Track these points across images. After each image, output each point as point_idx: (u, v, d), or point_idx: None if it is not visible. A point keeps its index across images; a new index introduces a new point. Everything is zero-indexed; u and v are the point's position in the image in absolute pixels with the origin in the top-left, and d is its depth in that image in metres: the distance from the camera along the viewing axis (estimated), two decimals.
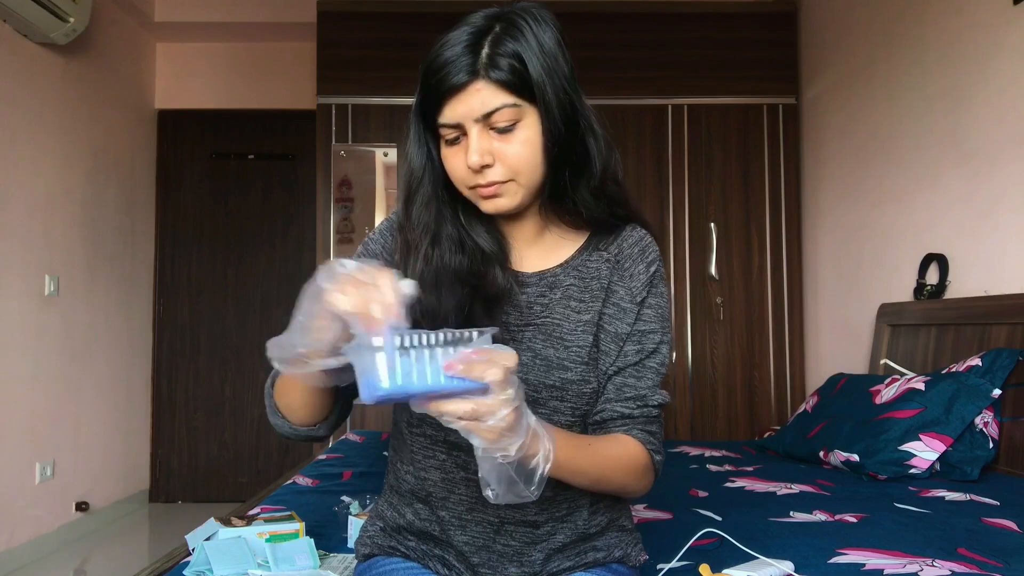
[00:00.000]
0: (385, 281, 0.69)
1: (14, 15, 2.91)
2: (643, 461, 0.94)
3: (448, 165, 0.92)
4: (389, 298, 0.68)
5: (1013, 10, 2.26)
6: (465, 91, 0.86)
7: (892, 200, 2.87)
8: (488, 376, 0.67)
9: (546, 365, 0.95)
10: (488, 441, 0.69)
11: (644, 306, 0.99)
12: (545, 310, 0.98)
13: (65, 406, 3.40)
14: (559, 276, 0.99)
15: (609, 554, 1.02)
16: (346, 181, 3.50)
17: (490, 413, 0.68)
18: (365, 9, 3.57)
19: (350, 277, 0.69)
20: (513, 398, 0.69)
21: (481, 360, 0.68)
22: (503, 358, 0.69)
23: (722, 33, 3.58)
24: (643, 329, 0.98)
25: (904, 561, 1.24)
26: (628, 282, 0.99)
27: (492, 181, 0.89)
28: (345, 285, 0.68)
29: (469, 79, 0.86)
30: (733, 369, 3.51)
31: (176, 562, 1.31)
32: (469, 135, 0.87)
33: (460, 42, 0.88)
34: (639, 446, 0.95)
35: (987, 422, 2.00)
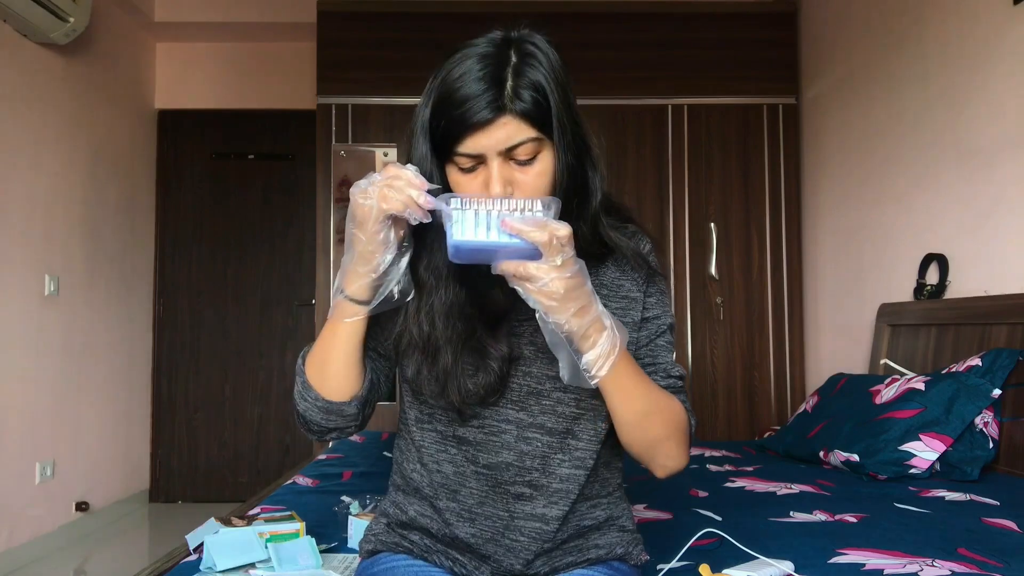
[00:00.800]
0: (399, 169, 0.83)
1: (14, 15, 2.91)
2: (685, 418, 0.98)
3: (460, 187, 0.90)
4: (411, 176, 0.83)
5: (1013, 10, 2.26)
6: (491, 126, 0.86)
7: (892, 200, 2.87)
8: (533, 236, 0.76)
9: (548, 358, 0.96)
10: (542, 305, 0.79)
11: (647, 294, 1.05)
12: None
13: (65, 406, 3.40)
14: None
15: (611, 551, 1.03)
16: (346, 181, 3.50)
17: (539, 276, 0.77)
18: (365, 9, 3.57)
19: (378, 185, 0.82)
20: (563, 268, 0.77)
21: (532, 223, 0.77)
22: (554, 225, 0.77)
23: (722, 33, 3.58)
24: (649, 316, 1.04)
25: (904, 561, 1.24)
26: (631, 274, 1.04)
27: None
28: (381, 191, 0.82)
29: (496, 115, 0.86)
30: (733, 369, 3.51)
31: (176, 562, 1.31)
32: (490, 166, 0.88)
33: (481, 75, 0.87)
34: (679, 403, 0.99)
35: (987, 422, 2.00)
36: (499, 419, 0.98)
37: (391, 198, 0.82)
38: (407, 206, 0.82)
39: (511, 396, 0.98)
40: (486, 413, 0.98)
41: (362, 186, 0.83)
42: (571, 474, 0.99)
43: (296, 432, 4.27)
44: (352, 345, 0.92)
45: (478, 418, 0.98)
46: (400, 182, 0.82)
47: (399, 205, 0.82)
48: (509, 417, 0.98)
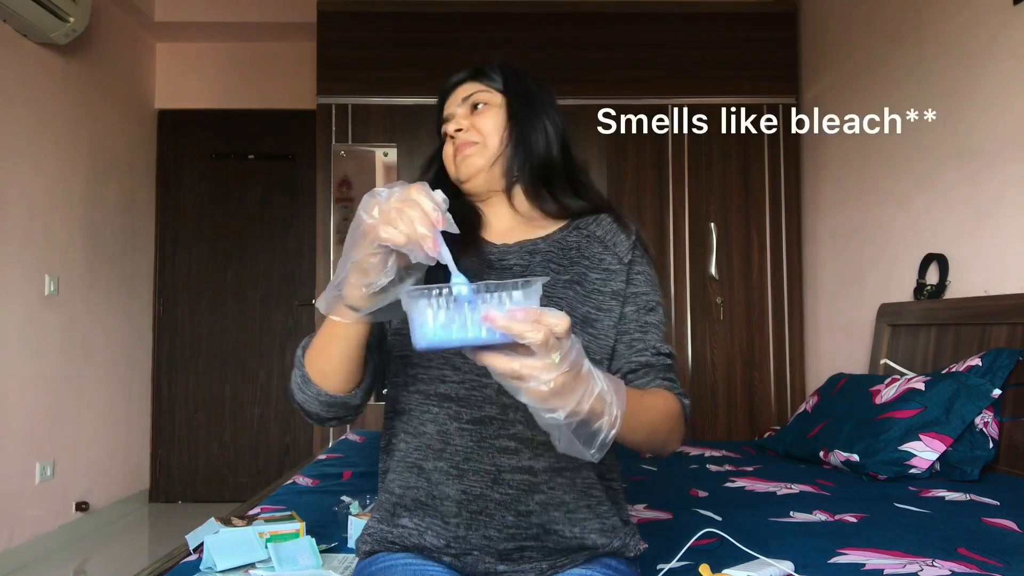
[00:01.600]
0: (421, 195, 0.75)
1: (14, 15, 2.91)
2: (678, 408, 0.99)
3: (444, 152, 1.14)
4: (429, 208, 0.75)
5: (1013, 10, 2.26)
6: (459, 87, 1.15)
7: (892, 200, 2.87)
8: (528, 337, 0.66)
9: None
10: (534, 401, 0.69)
11: (632, 271, 1.07)
12: (526, 271, 1.07)
13: (65, 406, 3.40)
14: (539, 245, 1.10)
15: (607, 546, 1.02)
16: (346, 181, 3.50)
17: (532, 376, 0.68)
18: (365, 9, 3.57)
19: (391, 205, 0.75)
20: (559, 363, 0.68)
21: (525, 319, 0.66)
22: (551, 320, 0.67)
23: (722, 33, 3.58)
24: (636, 291, 1.06)
25: (904, 561, 1.24)
26: (613, 249, 1.08)
27: (464, 141, 1.10)
28: (388, 215, 0.74)
29: (463, 79, 1.15)
30: (733, 369, 3.51)
31: (176, 562, 1.31)
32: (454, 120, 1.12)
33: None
34: (670, 394, 0.99)
35: (987, 422, 2.00)
36: (479, 372, 0.98)
37: (395, 228, 0.74)
38: (410, 242, 0.74)
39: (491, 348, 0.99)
40: (467, 367, 0.99)
41: (377, 197, 0.76)
42: None
43: (296, 432, 4.27)
44: (353, 344, 0.91)
45: (459, 371, 1.00)
46: (414, 212, 0.74)
47: (401, 239, 0.74)
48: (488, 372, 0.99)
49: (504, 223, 1.13)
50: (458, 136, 1.11)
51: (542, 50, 3.45)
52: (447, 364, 1.00)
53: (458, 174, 1.12)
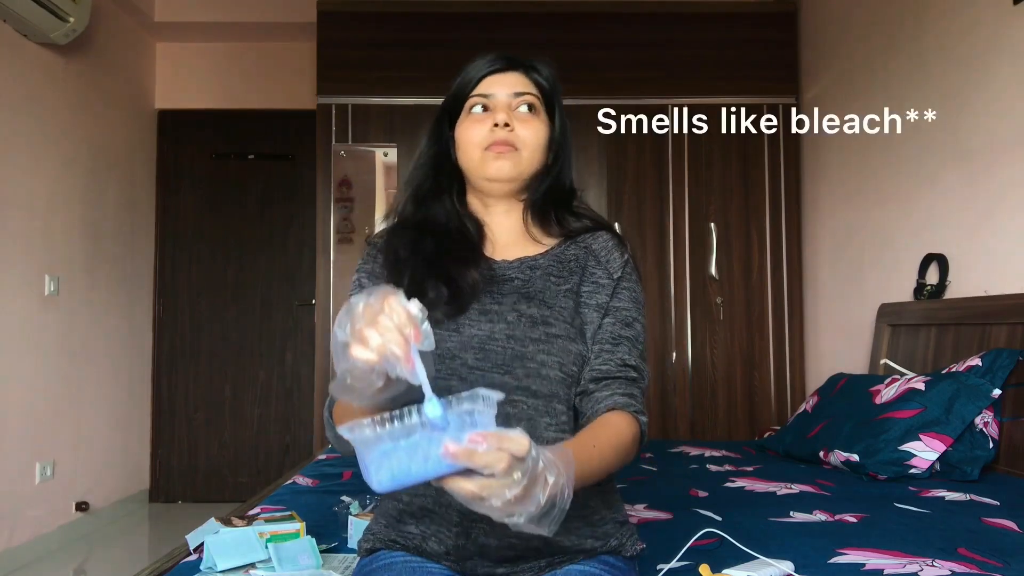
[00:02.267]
0: (394, 305, 0.72)
1: (14, 15, 2.91)
2: (633, 434, 0.98)
3: (470, 132, 1.10)
4: (403, 322, 0.71)
5: (1013, 10, 2.26)
6: (505, 73, 1.11)
7: (892, 200, 2.87)
8: (492, 468, 0.65)
9: (531, 321, 1.03)
10: (494, 514, 0.68)
11: (619, 287, 1.09)
12: (526, 284, 1.08)
13: (65, 406, 3.40)
14: (539, 260, 1.11)
15: (605, 543, 1.03)
16: (346, 181, 3.50)
17: (494, 495, 0.67)
18: (365, 9, 3.57)
19: (362, 319, 0.71)
20: (520, 480, 0.66)
21: (486, 450, 0.65)
22: (511, 445, 0.66)
23: (722, 33, 3.58)
24: (618, 305, 1.08)
25: (904, 561, 1.24)
26: (605, 265, 1.10)
27: (507, 140, 1.08)
28: (361, 332, 0.71)
29: (510, 67, 1.11)
30: (733, 369, 3.51)
31: (176, 562, 1.31)
32: (497, 109, 1.09)
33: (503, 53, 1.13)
34: (624, 418, 0.99)
35: (987, 422, 2.00)
36: (484, 384, 0.98)
37: (366, 349, 0.70)
38: (382, 359, 0.70)
39: (496, 360, 1.01)
40: (473, 379, 1.00)
41: (351, 311, 0.72)
42: (557, 437, 1.01)
43: (296, 432, 4.27)
44: (374, 407, 0.89)
45: (465, 382, 1.00)
46: (387, 330, 0.71)
47: (374, 358, 0.70)
48: (494, 382, 1.00)
49: (504, 235, 1.14)
50: (503, 133, 1.08)
51: (542, 50, 3.43)
52: (454, 375, 1.01)
53: (485, 171, 1.10)
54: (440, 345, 1.00)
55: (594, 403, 1.02)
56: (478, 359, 1.01)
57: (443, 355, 1.01)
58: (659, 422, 3.47)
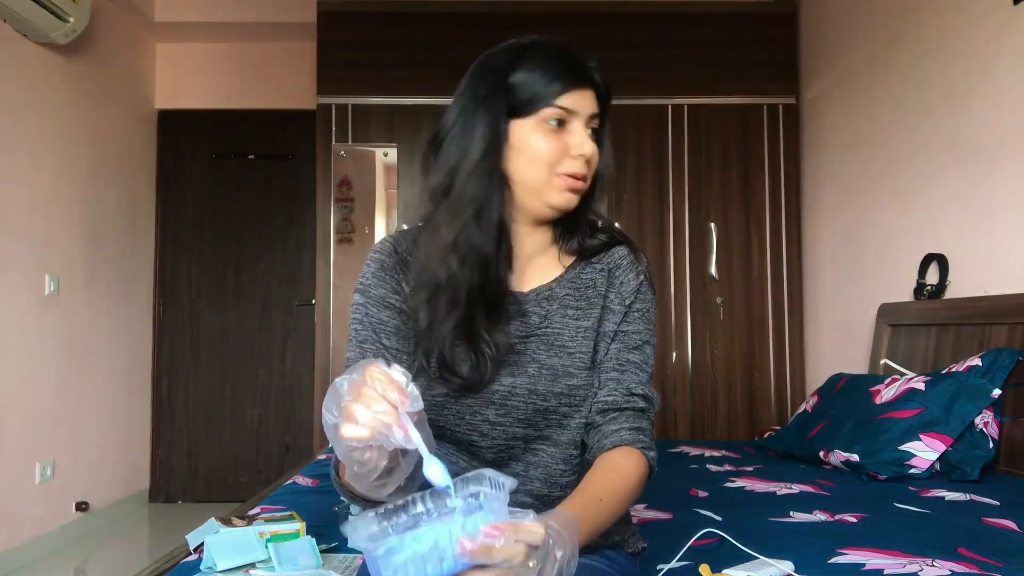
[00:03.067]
0: (376, 374, 0.68)
1: (14, 15, 2.91)
2: (640, 474, 0.95)
3: (543, 145, 0.98)
4: (388, 391, 0.67)
5: (1013, 10, 2.26)
6: (588, 89, 1.01)
7: (892, 200, 2.87)
8: (511, 560, 0.64)
9: (552, 374, 0.99)
10: None
11: (631, 309, 1.05)
12: (544, 320, 1.02)
13: (65, 406, 3.40)
14: (554, 289, 1.05)
15: (607, 539, 1.04)
16: (346, 181, 3.50)
17: None
18: (365, 9, 3.57)
19: (347, 396, 0.68)
20: (535, 567, 0.65)
21: (503, 543, 0.63)
22: (528, 536, 0.65)
23: (722, 33, 3.58)
24: (627, 329, 1.04)
25: (904, 561, 1.24)
26: (618, 288, 1.05)
27: (587, 174, 1.01)
28: (348, 408, 0.67)
29: (590, 83, 1.01)
30: (733, 369, 3.51)
31: (176, 562, 1.31)
32: (575, 127, 0.99)
33: (569, 50, 1.02)
34: (632, 458, 0.95)
35: (987, 422, 2.00)
36: (507, 438, 1.00)
37: (356, 425, 0.67)
38: (376, 434, 0.67)
39: (517, 415, 0.99)
40: (495, 434, 0.99)
41: (337, 391, 0.69)
42: (570, 481, 1.01)
43: (296, 432, 4.27)
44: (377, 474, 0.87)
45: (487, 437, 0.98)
46: (372, 394, 0.67)
47: (366, 434, 0.67)
48: (516, 435, 1.00)
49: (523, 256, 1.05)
50: (585, 168, 1.00)
51: None
52: (474, 431, 1.00)
53: (550, 198, 0.99)
54: (460, 401, 0.99)
55: (601, 437, 0.99)
56: (499, 415, 0.99)
57: (462, 411, 0.99)
58: (659, 422, 3.48)
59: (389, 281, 1.02)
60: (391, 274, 1.03)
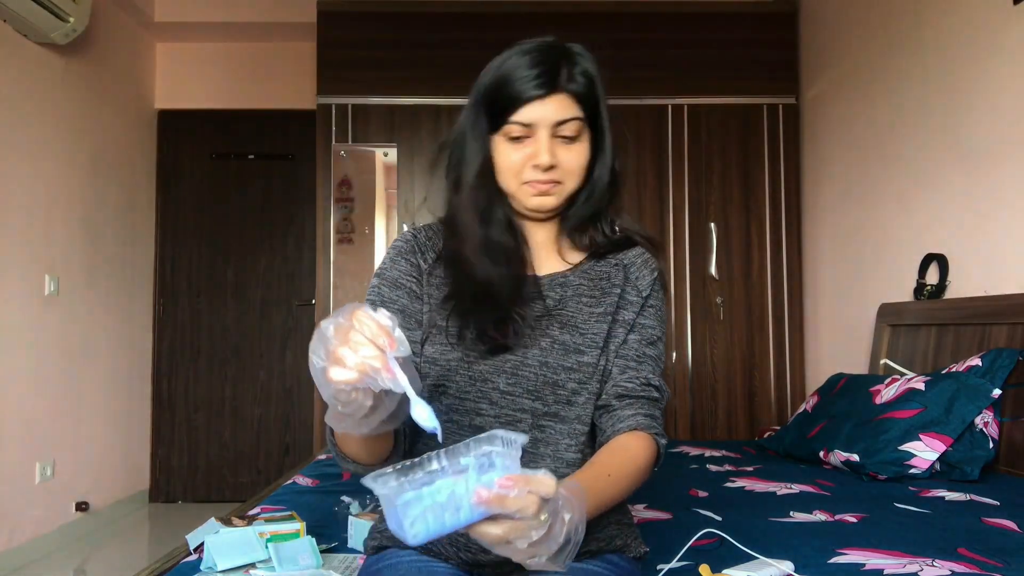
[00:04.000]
0: (363, 319, 0.69)
1: (14, 15, 2.91)
2: (649, 458, 0.98)
3: (508, 158, 1.02)
4: (374, 332, 0.69)
5: (1013, 10, 2.26)
6: (545, 100, 1.00)
7: (892, 200, 2.87)
8: (523, 512, 0.66)
9: (563, 348, 1.02)
10: (519, 557, 0.69)
11: (647, 304, 1.08)
12: (559, 304, 1.06)
13: (65, 406, 3.40)
14: (569, 277, 1.08)
15: (609, 543, 1.04)
16: (346, 181, 3.51)
17: (520, 537, 0.67)
18: (365, 9, 3.57)
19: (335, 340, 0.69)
20: (546, 521, 0.68)
21: (516, 494, 0.66)
22: (540, 487, 0.67)
23: (722, 33, 3.58)
24: (644, 323, 1.08)
25: (904, 561, 1.24)
26: (635, 283, 1.09)
27: (551, 180, 1.02)
28: (335, 352, 0.68)
29: (549, 91, 0.99)
30: (733, 369, 3.51)
31: (176, 562, 1.31)
32: (538, 137, 1.00)
33: (540, 59, 1.00)
34: (644, 440, 0.98)
35: (987, 422, 2.00)
36: (515, 408, 1.01)
37: (343, 368, 0.68)
38: (363, 376, 0.68)
39: (527, 386, 1.01)
40: (503, 402, 1.01)
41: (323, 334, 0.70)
42: (576, 457, 1.03)
43: (296, 432, 4.27)
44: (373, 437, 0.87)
45: (496, 406, 1.01)
46: (359, 337, 0.68)
47: (352, 376, 0.68)
48: (524, 407, 1.01)
49: (536, 247, 1.10)
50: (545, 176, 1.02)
51: None
52: (484, 398, 1.02)
53: (524, 202, 1.04)
54: (472, 367, 1.01)
55: (615, 421, 1.01)
56: (510, 384, 1.01)
57: (474, 377, 1.01)
58: None
59: (404, 264, 1.08)
60: (408, 257, 1.08)
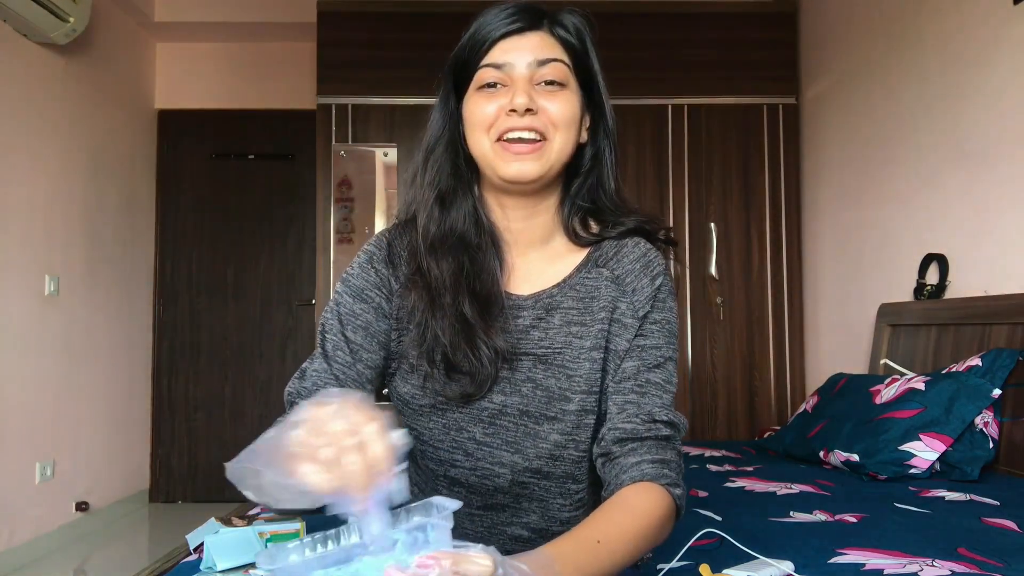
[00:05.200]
0: (372, 433, 0.58)
1: (14, 15, 2.91)
2: (663, 513, 0.81)
3: (478, 110, 0.88)
4: (376, 455, 0.57)
5: (1013, 10, 2.26)
6: (523, 35, 0.88)
7: (892, 200, 2.87)
8: None
9: (547, 396, 0.90)
10: None
11: (647, 320, 0.92)
12: (545, 337, 0.92)
13: (65, 406, 3.40)
14: (556, 297, 0.94)
15: None
16: (346, 181, 3.50)
17: None
18: (365, 9, 3.57)
19: (327, 433, 0.57)
20: None
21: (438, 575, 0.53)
22: (471, 567, 0.54)
23: (722, 33, 3.58)
24: (644, 344, 0.91)
25: (904, 561, 1.24)
26: (631, 297, 0.92)
27: (531, 127, 0.86)
28: (320, 449, 0.57)
29: (531, 26, 0.88)
30: (733, 369, 3.51)
31: (176, 562, 1.31)
32: (514, 81, 0.87)
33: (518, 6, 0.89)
34: (653, 494, 0.82)
35: (987, 422, 2.00)
36: (492, 462, 0.92)
37: (323, 473, 0.57)
38: (337, 496, 0.57)
39: (506, 437, 0.91)
40: (480, 454, 0.92)
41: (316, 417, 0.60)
42: (573, 516, 0.95)
43: None
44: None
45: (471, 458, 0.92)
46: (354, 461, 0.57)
47: (327, 488, 0.57)
48: (503, 460, 0.92)
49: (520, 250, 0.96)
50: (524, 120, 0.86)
51: None
52: (459, 449, 0.92)
53: (501, 170, 0.89)
54: (445, 414, 0.90)
55: (619, 472, 0.85)
56: (487, 434, 0.91)
57: (448, 426, 0.92)
58: None
59: (373, 275, 0.95)
60: (379, 268, 0.96)
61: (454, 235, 0.92)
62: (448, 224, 0.93)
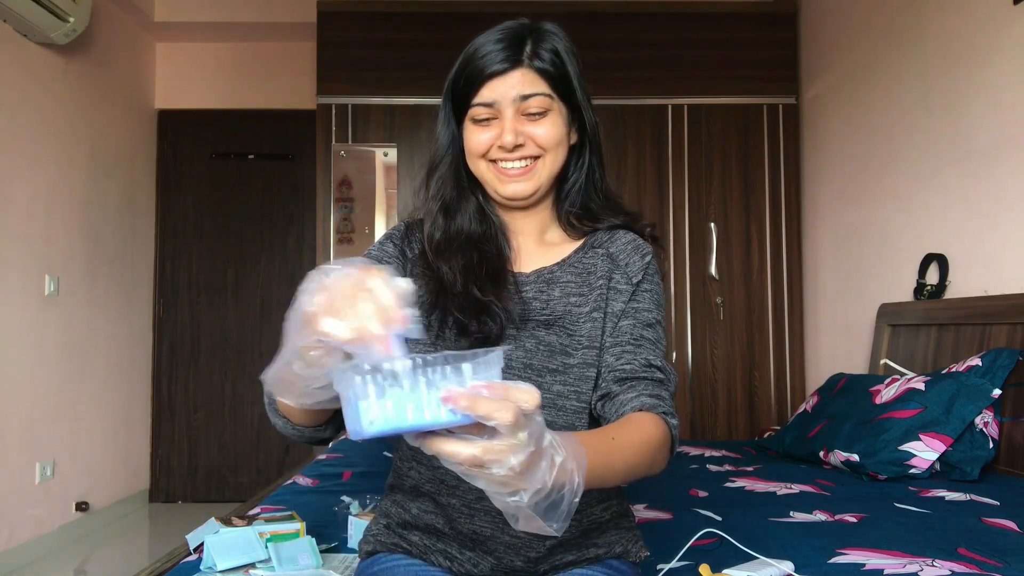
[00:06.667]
0: (378, 282, 0.60)
1: (14, 15, 2.91)
2: (661, 435, 0.87)
3: (473, 140, 1.00)
4: (387, 301, 0.59)
5: (1013, 10, 2.26)
6: (507, 75, 0.97)
7: (892, 200, 2.87)
8: (496, 417, 0.55)
9: (550, 351, 0.98)
10: (496, 487, 0.58)
11: (640, 288, 1.02)
12: (546, 307, 1.00)
13: (65, 406, 3.40)
14: (556, 273, 1.03)
15: (610, 550, 1.03)
16: (346, 181, 3.50)
17: (497, 461, 0.56)
18: (365, 9, 3.57)
19: (337, 290, 0.59)
20: (527, 443, 0.56)
21: (491, 396, 0.55)
22: (520, 396, 0.56)
23: (722, 33, 3.58)
24: (638, 307, 1.01)
25: (904, 561, 1.24)
26: (624, 269, 1.03)
27: (521, 156, 0.99)
28: (334, 303, 0.59)
29: (512, 66, 0.97)
30: (733, 369, 3.51)
31: (176, 562, 1.31)
32: (503, 116, 0.98)
33: (502, 37, 0.99)
34: (653, 419, 0.88)
35: (987, 422, 2.00)
36: None
37: (340, 321, 0.58)
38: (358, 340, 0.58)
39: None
40: None
41: (324, 277, 0.61)
42: None
43: None
44: (303, 409, 0.82)
45: None
46: (367, 305, 0.59)
47: (346, 334, 0.58)
48: None
49: (522, 238, 1.07)
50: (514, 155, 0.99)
51: None
52: None
53: (499, 189, 1.01)
54: None
55: (618, 406, 0.92)
56: None
57: None
58: None
59: (391, 247, 1.06)
60: (396, 242, 1.07)
61: (461, 236, 1.03)
62: (454, 229, 1.03)
